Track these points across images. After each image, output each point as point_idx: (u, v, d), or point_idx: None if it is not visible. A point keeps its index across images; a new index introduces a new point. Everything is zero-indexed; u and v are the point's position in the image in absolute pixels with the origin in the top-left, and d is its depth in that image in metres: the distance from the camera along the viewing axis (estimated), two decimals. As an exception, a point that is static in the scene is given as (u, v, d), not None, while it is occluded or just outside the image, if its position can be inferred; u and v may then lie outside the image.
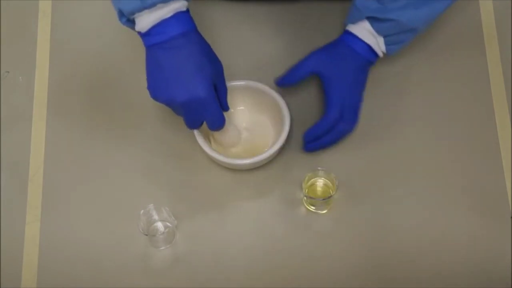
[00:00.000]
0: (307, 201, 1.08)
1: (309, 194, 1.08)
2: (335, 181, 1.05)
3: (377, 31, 1.04)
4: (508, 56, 1.18)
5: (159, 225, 1.08)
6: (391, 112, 1.15)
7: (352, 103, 1.07)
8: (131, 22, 0.97)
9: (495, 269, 1.05)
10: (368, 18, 1.03)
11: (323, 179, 1.09)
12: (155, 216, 1.07)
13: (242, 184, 1.10)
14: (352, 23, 1.06)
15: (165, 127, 1.14)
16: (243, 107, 1.13)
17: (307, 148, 1.09)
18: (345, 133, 1.09)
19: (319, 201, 1.08)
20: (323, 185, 1.10)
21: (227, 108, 1.05)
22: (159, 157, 1.12)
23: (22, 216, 1.09)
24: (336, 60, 1.07)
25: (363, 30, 1.05)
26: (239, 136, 1.11)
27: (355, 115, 1.08)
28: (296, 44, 1.18)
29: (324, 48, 1.09)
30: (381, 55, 1.08)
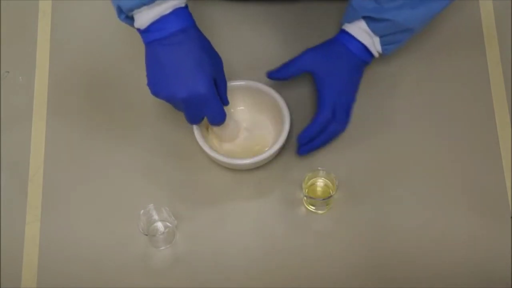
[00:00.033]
0: (307, 201, 1.08)
1: (309, 194, 1.08)
2: (335, 181, 1.05)
3: (373, 31, 1.03)
4: (508, 56, 1.18)
5: (159, 225, 1.08)
6: (391, 112, 1.15)
7: (344, 103, 1.07)
8: (130, 19, 0.97)
9: (495, 269, 1.05)
10: (364, 18, 1.03)
11: (323, 179, 1.09)
12: (155, 216, 1.07)
13: (242, 184, 1.10)
14: (348, 23, 1.06)
15: (165, 127, 1.14)
16: (243, 107, 1.13)
17: (300, 151, 1.09)
18: (337, 133, 1.08)
19: (319, 201, 1.08)
20: (323, 185, 1.10)
21: (227, 103, 1.05)
22: (159, 157, 1.12)
23: (22, 216, 1.09)
24: (330, 59, 1.06)
25: (359, 30, 1.05)
26: (239, 130, 1.11)
27: (347, 115, 1.08)
28: (296, 43, 1.18)
29: (319, 46, 1.08)
30: (376, 55, 1.07)
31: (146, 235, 1.02)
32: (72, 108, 1.16)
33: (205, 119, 1.02)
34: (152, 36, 0.96)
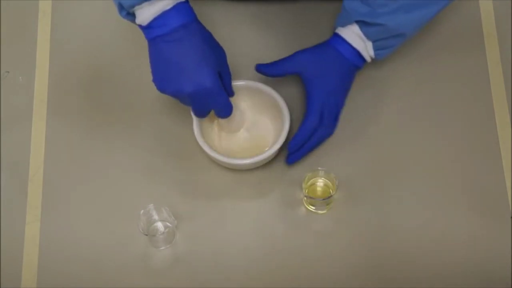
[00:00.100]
0: (307, 201, 1.08)
1: (309, 194, 1.08)
2: (335, 181, 1.05)
3: (366, 35, 1.02)
4: (508, 56, 1.18)
5: (159, 225, 1.08)
6: (391, 112, 1.15)
7: (333, 108, 1.06)
8: (131, 16, 0.97)
9: (495, 269, 1.05)
10: (358, 22, 1.02)
11: (323, 179, 1.09)
12: (155, 216, 1.07)
13: (242, 184, 1.10)
14: (342, 26, 1.05)
15: (165, 127, 1.14)
16: (243, 107, 1.13)
17: (289, 160, 1.08)
18: (325, 138, 1.08)
19: (319, 201, 1.08)
20: (323, 185, 1.10)
21: (232, 93, 1.05)
22: (159, 157, 1.12)
23: (22, 216, 1.09)
24: (321, 63, 1.06)
25: (352, 34, 1.04)
26: (245, 120, 1.11)
27: (335, 120, 1.08)
28: (296, 43, 1.18)
29: (310, 49, 1.07)
30: (369, 60, 1.06)
31: (146, 235, 1.02)
32: (72, 108, 1.16)
33: (211, 111, 1.02)
34: (154, 32, 0.95)
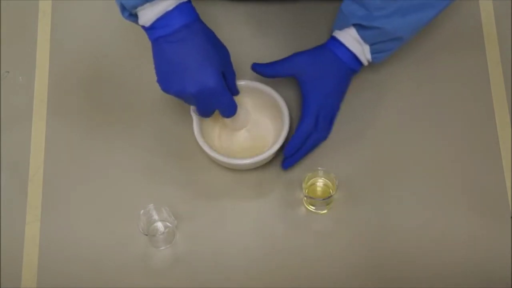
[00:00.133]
0: (307, 201, 1.08)
1: (309, 194, 1.08)
2: (335, 181, 1.05)
3: (363, 38, 1.02)
4: (508, 56, 1.18)
5: (159, 225, 1.08)
6: (391, 111, 1.15)
7: (328, 112, 1.06)
8: (133, 16, 0.97)
9: (495, 269, 1.05)
10: (355, 25, 1.02)
11: (323, 179, 1.09)
12: (155, 216, 1.07)
13: (242, 184, 1.10)
14: (339, 29, 1.05)
15: (165, 127, 1.14)
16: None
17: (285, 165, 1.08)
18: (319, 142, 1.08)
19: (319, 201, 1.08)
20: (323, 185, 1.10)
21: (237, 92, 1.05)
22: (159, 157, 1.12)
23: (22, 216, 1.09)
24: (317, 66, 1.05)
25: (349, 37, 1.03)
26: (250, 118, 1.11)
27: (329, 124, 1.08)
28: (296, 43, 1.18)
29: (307, 52, 1.07)
30: (366, 63, 1.06)
31: (146, 235, 1.02)
32: (72, 108, 1.16)
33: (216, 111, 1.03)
34: (157, 33, 0.95)
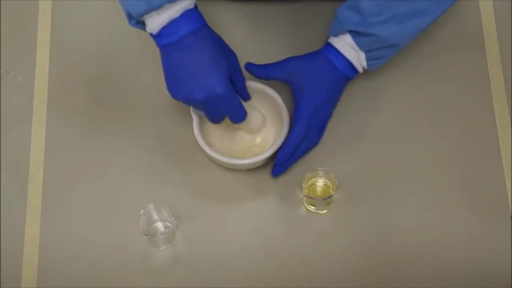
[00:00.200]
0: (307, 201, 1.08)
1: (309, 194, 1.08)
2: (335, 181, 1.05)
3: (358, 45, 1.01)
4: (508, 56, 1.18)
5: (159, 225, 1.08)
6: (391, 111, 1.15)
7: (320, 119, 1.06)
8: (141, 24, 0.97)
9: (495, 269, 1.05)
10: (350, 32, 1.01)
11: (323, 179, 1.09)
12: (155, 216, 1.07)
13: (242, 184, 1.10)
14: (334, 36, 1.04)
15: (165, 127, 1.14)
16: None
17: (275, 172, 1.07)
18: (310, 148, 1.08)
19: (319, 201, 1.08)
20: (323, 185, 1.10)
21: (248, 98, 1.05)
22: (159, 157, 1.12)
23: (22, 216, 1.09)
24: (312, 73, 1.05)
25: (344, 44, 1.03)
26: (264, 119, 1.09)
27: (320, 131, 1.08)
28: (296, 43, 1.18)
29: (302, 57, 1.06)
30: (361, 71, 1.06)
31: (146, 235, 1.02)
32: (72, 108, 1.16)
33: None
34: (164, 40, 0.96)
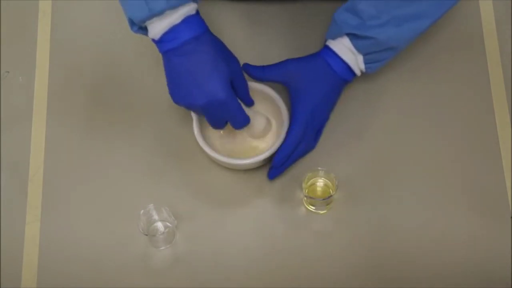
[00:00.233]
0: (307, 201, 1.08)
1: (309, 194, 1.08)
2: (335, 181, 1.05)
3: (356, 48, 1.01)
4: (508, 56, 1.18)
5: (159, 225, 1.08)
6: (391, 111, 1.15)
7: (317, 123, 1.06)
8: (143, 30, 0.97)
9: (495, 269, 1.05)
10: (348, 35, 1.01)
11: (323, 179, 1.09)
12: (155, 216, 1.07)
13: (242, 184, 1.10)
14: (332, 39, 1.04)
15: (165, 127, 1.14)
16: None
17: (271, 175, 1.07)
18: (306, 152, 1.08)
19: (319, 201, 1.08)
20: (323, 185, 1.10)
21: (251, 103, 1.05)
22: (159, 157, 1.12)
23: (22, 216, 1.09)
24: (308, 76, 1.04)
25: (342, 47, 1.02)
26: (268, 123, 1.09)
27: (317, 134, 1.08)
28: (296, 43, 1.18)
29: (299, 60, 1.06)
30: (359, 74, 1.05)
31: (146, 235, 1.02)
32: (72, 108, 1.16)
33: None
34: (166, 46, 0.96)
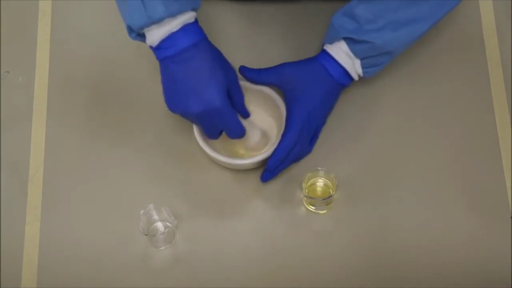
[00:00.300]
0: (307, 201, 1.08)
1: (309, 194, 1.08)
2: (335, 181, 1.05)
3: (353, 52, 1.01)
4: (508, 56, 1.18)
5: (159, 225, 1.08)
6: (391, 111, 1.15)
7: (313, 127, 1.06)
8: (141, 37, 0.97)
9: (495, 269, 1.05)
10: (345, 39, 1.01)
11: (323, 179, 1.09)
12: (155, 216, 1.07)
13: (242, 184, 1.10)
14: (329, 43, 1.04)
15: (165, 127, 1.14)
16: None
17: (264, 178, 1.07)
18: (302, 156, 1.08)
19: (319, 201, 1.08)
20: (323, 185, 1.10)
21: (247, 115, 1.05)
22: (159, 157, 1.12)
23: (22, 216, 1.09)
24: (305, 80, 1.04)
25: (339, 51, 1.02)
26: (264, 136, 1.08)
27: (313, 139, 1.08)
28: (296, 43, 1.18)
29: (297, 63, 1.06)
30: (356, 78, 1.05)
31: (146, 235, 1.02)
32: (72, 108, 1.16)
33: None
34: (163, 53, 0.96)
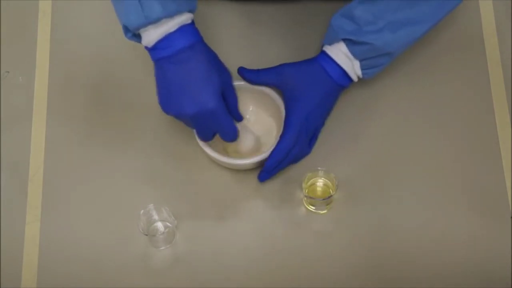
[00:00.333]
0: (307, 201, 1.08)
1: (309, 194, 1.08)
2: (335, 181, 1.05)
3: (353, 54, 1.01)
4: (508, 56, 1.18)
5: (159, 225, 1.08)
6: (391, 111, 1.15)
7: (312, 128, 1.05)
8: (136, 37, 0.97)
9: (495, 269, 1.05)
10: (344, 40, 1.00)
11: (323, 179, 1.09)
12: (155, 216, 1.07)
13: (242, 184, 1.10)
14: (329, 44, 1.04)
15: (165, 127, 1.14)
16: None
17: (262, 178, 1.07)
18: (301, 157, 1.08)
19: (319, 201, 1.08)
20: (323, 185, 1.10)
21: (240, 118, 1.05)
22: (159, 157, 1.12)
23: (22, 216, 1.09)
24: (304, 81, 1.04)
25: (339, 53, 1.02)
26: (256, 141, 1.09)
27: (312, 140, 1.08)
28: (296, 43, 1.18)
29: (296, 64, 1.06)
30: (355, 79, 1.05)
31: (146, 235, 1.02)
32: (72, 108, 1.16)
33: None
34: (159, 53, 0.95)
